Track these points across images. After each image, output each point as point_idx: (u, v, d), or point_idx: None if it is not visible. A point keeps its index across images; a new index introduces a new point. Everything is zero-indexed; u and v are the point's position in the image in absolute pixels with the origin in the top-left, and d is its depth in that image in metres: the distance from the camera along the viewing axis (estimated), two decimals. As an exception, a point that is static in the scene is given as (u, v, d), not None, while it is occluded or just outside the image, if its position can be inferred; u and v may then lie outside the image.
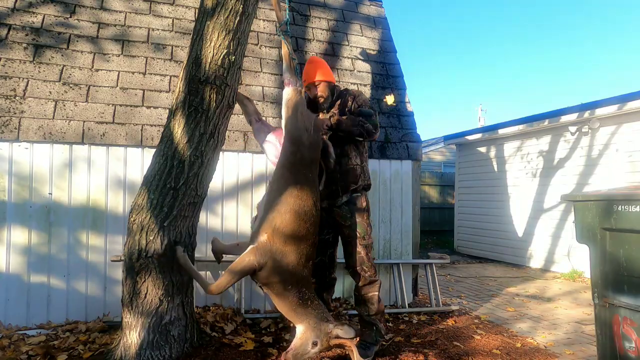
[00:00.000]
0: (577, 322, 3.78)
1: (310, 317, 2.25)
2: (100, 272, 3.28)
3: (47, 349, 2.58)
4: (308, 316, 2.26)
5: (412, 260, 4.16)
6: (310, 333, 2.22)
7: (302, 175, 2.41)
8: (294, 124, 2.51)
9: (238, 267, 2.26)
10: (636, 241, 2.16)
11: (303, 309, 2.27)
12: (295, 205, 2.32)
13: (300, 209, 2.32)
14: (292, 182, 2.37)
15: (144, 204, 2.44)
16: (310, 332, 2.22)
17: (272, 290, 2.30)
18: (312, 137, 2.50)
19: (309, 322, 2.24)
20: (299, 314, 2.27)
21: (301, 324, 2.26)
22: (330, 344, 2.23)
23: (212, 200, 3.53)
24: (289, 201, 2.32)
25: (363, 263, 2.75)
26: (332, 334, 2.21)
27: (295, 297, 2.26)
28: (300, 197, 2.34)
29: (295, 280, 2.27)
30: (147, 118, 3.46)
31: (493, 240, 7.71)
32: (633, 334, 2.19)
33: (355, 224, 2.77)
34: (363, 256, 2.75)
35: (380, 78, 4.51)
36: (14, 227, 3.10)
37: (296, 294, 2.26)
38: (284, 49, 2.72)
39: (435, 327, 3.40)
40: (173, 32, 3.91)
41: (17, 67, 3.29)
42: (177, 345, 2.52)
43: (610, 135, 5.83)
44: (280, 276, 2.25)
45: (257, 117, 2.87)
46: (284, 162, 2.45)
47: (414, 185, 4.24)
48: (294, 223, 2.30)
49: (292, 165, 2.42)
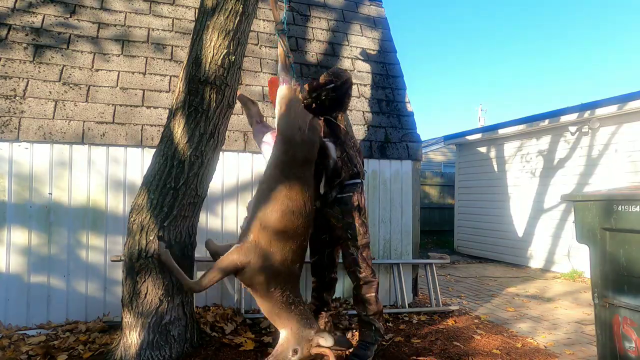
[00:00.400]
0: (577, 322, 3.78)
1: (293, 323, 2.19)
2: (100, 272, 3.28)
3: (47, 349, 2.58)
4: (291, 321, 2.20)
5: (412, 260, 4.16)
6: (292, 340, 2.16)
7: (293, 175, 2.36)
8: (286, 122, 2.48)
9: (221, 266, 2.22)
10: (636, 241, 2.16)
11: (286, 313, 2.20)
12: (283, 205, 2.27)
13: (288, 209, 2.27)
14: (281, 182, 2.32)
15: (144, 204, 2.44)
16: (292, 338, 2.16)
17: (256, 292, 2.24)
18: (305, 135, 2.45)
19: (292, 328, 2.18)
20: (281, 318, 2.21)
21: (284, 329, 2.20)
22: (311, 353, 2.17)
23: (212, 201, 3.53)
24: (277, 201, 2.28)
25: (357, 264, 2.73)
26: (313, 341, 2.15)
27: (279, 300, 2.20)
28: (290, 197, 2.29)
29: (279, 282, 2.21)
30: (147, 118, 3.47)
31: (493, 240, 7.71)
32: (633, 334, 2.19)
33: (346, 224, 2.71)
34: (356, 257, 2.72)
35: (380, 78, 4.51)
36: (14, 227, 3.10)
37: (279, 297, 2.20)
38: (280, 48, 2.72)
39: (435, 327, 3.40)
40: (173, 32, 3.91)
41: (17, 67, 3.29)
42: (177, 345, 2.52)
43: (611, 135, 5.83)
44: (263, 277, 2.19)
45: (258, 119, 2.88)
46: (274, 160, 2.41)
47: (414, 185, 4.24)
48: (280, 223, 2.24)
49: (282, 164, 2.38)
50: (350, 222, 2.71)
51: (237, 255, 2.20)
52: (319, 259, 2.91)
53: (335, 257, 2.97)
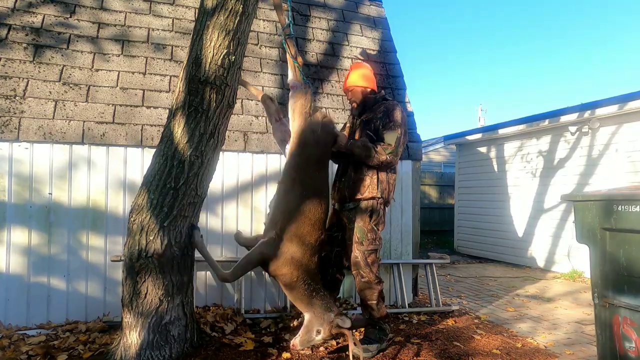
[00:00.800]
0: (578, 322, 3.78)
1: (316, 307, 2.46)
2: (100, 272, 3.28)
3: (47, 349, 2.58)
4: (313, 306, 2.46)
5: (412, 260, 4.16)
6: (315, 322, 2.43)
7: (309, 175, 2.59)
8: (299, 126, 2.64)
9: (249, 259, 2.50)
10: (636, 241, 2.16)
11: (309, 299, 2.47)
12: (302, 204, 2.51)
13: (305, 208, 2.52)
14: (297, 182, 2.56)
15: (144, 204, 2.44)
16: (315, 320, 2.44)
17: (281, 281, 2.51)
18: (319, 136, 2.64)
19: (314, 312, 2.45)
20: (305, 304, 2.48)
21: (307, 313, 2.48)
22: (332, 333, 2.45)
23: (212, 201, 3.53)
24: (295, 200, 2.53)
25: (359, 267, 2.78)
26: (333, 323, 2.42)
27: (302, 288, 2.47)
28: (306, 196, 2.53)
29: (301, 272, 2.47)
30: (147, 118, 3.46)
31: (493, 240, 7.71)
32: (633, 334, 2.18)
33: (356, 227, 2.79)
34: (359, 260, 2.77)
35: (381, 78, 4.50)
36: (14, 227, 3.10)
37: (302, 285, 2.47)
38: (288, 53, 2.77)
39: (435, 327, 3.40)
40: (173, 32, 3.91)
41: (17, 67, 3.29)
42: (177, 345, 2.52)
43: (611, 135, 5.82)
44: (287, 269, 2.46)
45: (277, 117, 2.94)
46: (290, 162, 2.63)
47: (414, 185, 4.23)
48: (299, 221, 2.50)
49: (298, 165, 2.60)
50: (359, 225, 2.79)
51: (264, 249, 2.48)
52: (326, 254, 2.92)
53: (343, 258, 2.99)
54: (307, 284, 2.48)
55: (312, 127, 2.65)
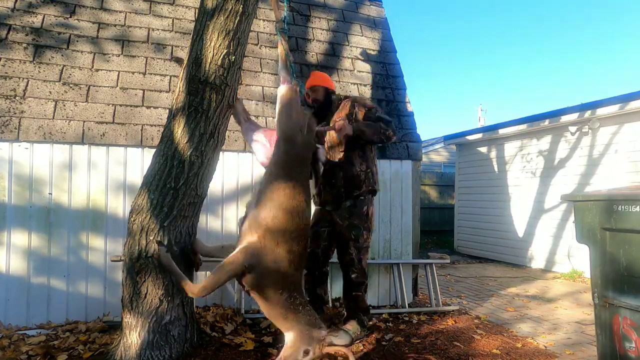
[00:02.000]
0: (578, 322, 3.78)
1: (302, 324, 2.12)
2: (100, 272, 3.28)
3: (47, 349, 2.58)
4: (299, 323, 2.13)
5: (412, 260, 4.16)
6: (301, 341, 2.09)
7: (295, 174, 2.32)
8: (288, 122, 2.44)
9: (225, 269, 2.10)
10: (636, 241, 2.16)
11: (294, 315, 2.13)
12: (289, 205, 2.20)
13: (293, 208, 2.20)
14: (285, 181, 2.26)
15: (144, 204, 2.44)
16: (302, 339, 2.10)
17: (262, 295, 2.14)
18: (304, 136, 2.47)
19: (300, 329, 2.11)
20: (289, 321, 2.14)
21: (291, 331, 2.13)
22: (323, 352, 2.11)
23: (212, 201, 3.53)
24: (281, 200, 2.20)
25: (353, 265, 2.81)
26: (325, 341, 2.11)
27: (287, 302, 2.12)
28: (293, 197, 2.23)
29: (286, 283, 2.14)
30: (147, 118, 3.47)
31: (493, 241, 7.70)
32: (633, 334, 2.18)
33: (351, 225, 2.81)
34: (354, 257, 2.81)
35: (381, 78, 4.51)
36: (14, 228, 3.10)
37: (287, 298, 2.12)
38: (280, 47, 2.72)
39: (435, 327, 3.40)
40: (173, 32, 3.91)
41: (17, 67, 3.29)
42: (177, 345, 2.52)
43: (611, 136, 5.82)
44: (271, 279, 2.11)
45: (245, 117, 2.85)
46: (277, 160, 2.36)
47: (414, 185, 4.23)
48: (287, 223, 2.16)
49: (285, 163, 2.34)
50: (355, 224, 2.82)
51: (244, 257, 2.09)
52: (313, 251, 2.92)
53: (329, 253, 3.04)
54: (294, 297, 2.14)
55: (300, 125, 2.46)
